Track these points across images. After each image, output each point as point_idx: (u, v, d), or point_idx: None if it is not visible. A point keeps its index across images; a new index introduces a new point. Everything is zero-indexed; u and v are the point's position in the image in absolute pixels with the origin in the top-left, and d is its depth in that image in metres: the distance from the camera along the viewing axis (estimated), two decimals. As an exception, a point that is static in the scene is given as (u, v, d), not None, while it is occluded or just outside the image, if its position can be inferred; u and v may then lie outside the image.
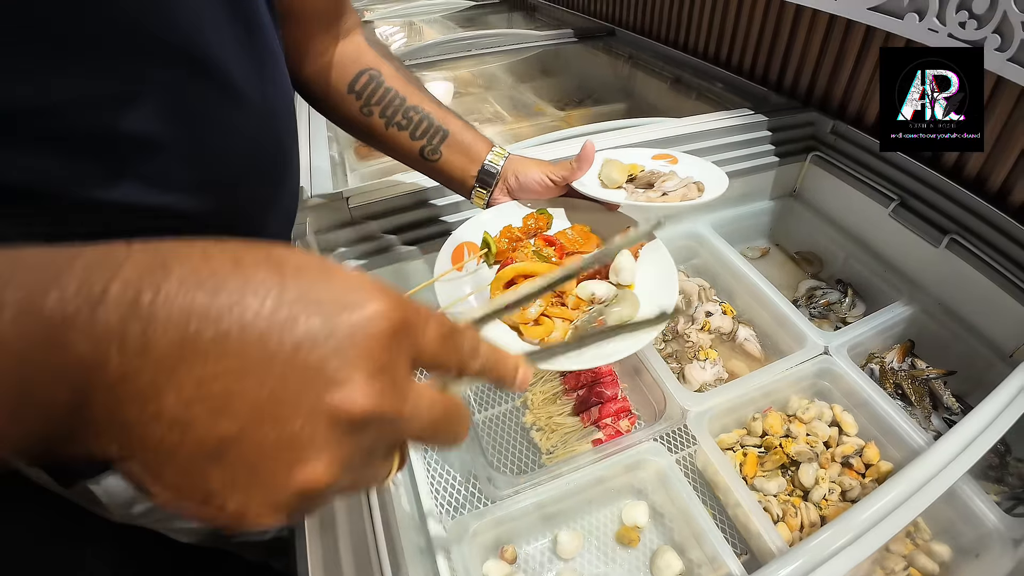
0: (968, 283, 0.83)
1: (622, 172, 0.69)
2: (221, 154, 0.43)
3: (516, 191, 0.68)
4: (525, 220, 0.67)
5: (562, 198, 0.69)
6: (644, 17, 1.64)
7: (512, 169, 0.67)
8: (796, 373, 0.78)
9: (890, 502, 0.46)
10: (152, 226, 0.39)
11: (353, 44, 0.65)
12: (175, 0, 0.35)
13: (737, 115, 1.05)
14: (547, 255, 0.62)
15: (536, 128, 1.46)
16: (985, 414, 0.56)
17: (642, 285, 0.61)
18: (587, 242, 0.66)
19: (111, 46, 0.33)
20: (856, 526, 0.45)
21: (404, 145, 0.66)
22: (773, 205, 1.12)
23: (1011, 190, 0.86)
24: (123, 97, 0.34)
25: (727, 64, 1.34)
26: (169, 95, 0.37)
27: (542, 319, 0.58)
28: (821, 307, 0.97)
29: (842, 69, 1.04)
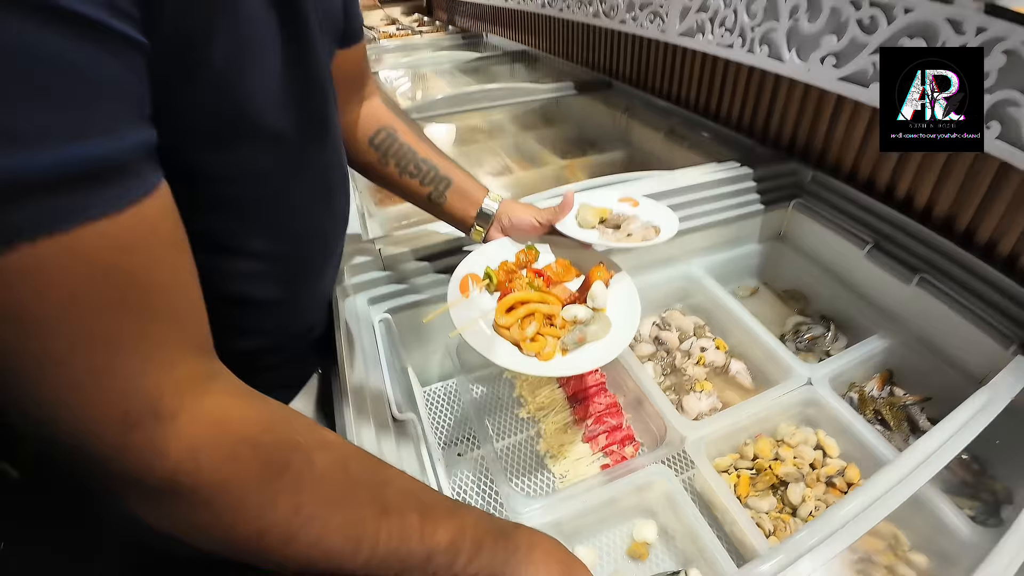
0: (939, 317, 0.92)
1: (595, 215, 0.80)
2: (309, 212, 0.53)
3: (509, 229, 0.79)
4: (517, 255, 0.77)
5: (547, 236, 0.80)
6: (639, 70, 1.77)
7: (505, 211, 0.79)
8: (783, 402, 0.87)
9: (858, 505, 0.54)
10: (262, 267, 0.49)
11: (372, 105, 0.77)
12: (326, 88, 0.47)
13: (727, 168, 1.16)
14: (537, 285, 0.73)
15: (540, 176, 1.57)
16: (946, 430, 0.65)
17: (612, 308, 0.71)
18: (568, 273, 0.77)
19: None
20: (829, 526, 0.53)
21: (415, 190, 0.78)
22: (761, 248, 1.22)
23: (975, 231, 0.95)
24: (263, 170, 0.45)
25: (716, 116, 1.46)
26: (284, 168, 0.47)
27: (537, 337, 0.68)
28: (806, 341, 1.06)
29: (820, 124, 1.15)
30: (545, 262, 0.78)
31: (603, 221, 0.81)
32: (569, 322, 0.68)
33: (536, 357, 0.64)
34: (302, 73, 0.44)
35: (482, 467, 0.86)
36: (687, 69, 1.53)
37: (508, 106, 1.84)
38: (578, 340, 0.66)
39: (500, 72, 2.50)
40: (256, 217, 0.46)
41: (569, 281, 0.76)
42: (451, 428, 0.95)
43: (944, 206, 0.99)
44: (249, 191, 0.44)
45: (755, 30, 0.97)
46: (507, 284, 0.72)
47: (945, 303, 0.91)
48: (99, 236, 0.27)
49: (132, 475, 0.30)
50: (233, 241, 0.46)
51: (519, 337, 0.66)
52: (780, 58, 0.93)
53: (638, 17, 1.25)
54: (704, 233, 1.12)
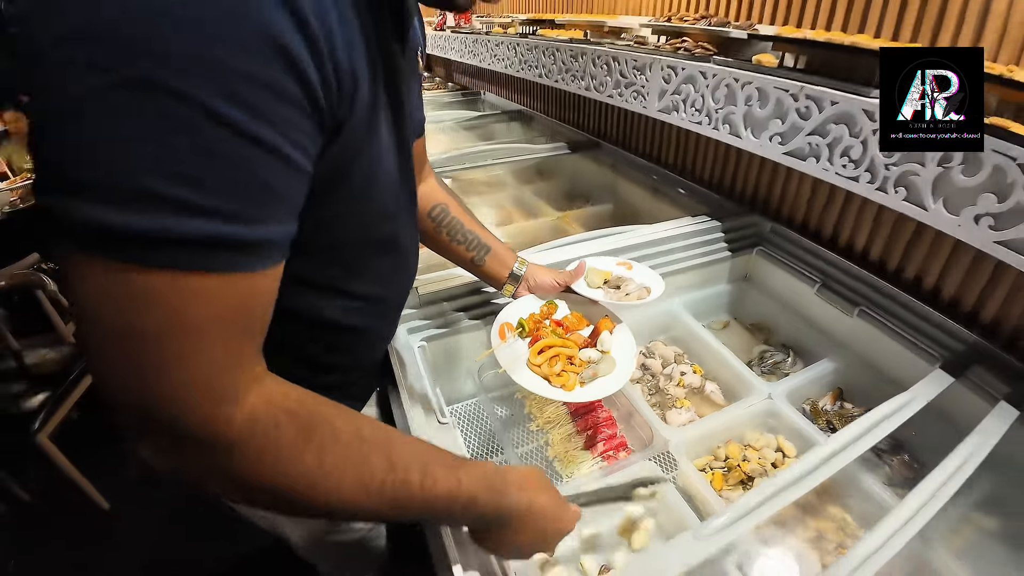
0: (877, 341, 1.13)
1: (600, 277, 1.02)
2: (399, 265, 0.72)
3: (534, 288, 1.01)
4: (541, 308, 0.98)
5: (563, 293, 1.01)
6: (625, 134, 2.02)
7: (531, 273, 1.00)
8: (749, 413, 1.06)
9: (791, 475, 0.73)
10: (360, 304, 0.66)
11: (430, 185, 0.98)
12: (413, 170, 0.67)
13: (699, 221, 1.38)
14: (559, 333, 0.92)
15: (539, 226, 1.79)
16: (865, 423, 0.84)
17: (615, 351, 0.92)
18: (580, 323, 0.98)
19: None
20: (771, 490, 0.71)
21: (461, 254, 0.98)
22: (730, 288, 1.43)
23: (903, 270, 1.17)
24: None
25: (690, 176, 1.70)
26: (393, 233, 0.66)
27: (563, 373, 0.87)
28: (770, 365, 1.26)
29: (775, 185, 1.38)
30: (562, 314, 0.99)
31: (607, 282, 1.02)
32: (584, 362, 0.88)
33: (562, 388, 0.84)
34: (404, 162, 0.63)
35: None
36: (665, 136, 1.78)
37: (508, 163, 2.07)
38: (592, 376, 0.86)
39: (498, 130, 2.75)
40: (361, 271, 0.64)
41: (582, 329, 0.97)
42: (475, 438, 1.12)
43: (877, 251, 1.21)
44: (358, 253, 0.63)
45: (718, 112, 1.19)
46: (536, 332, 0.92)
47: (881, 330, 1.11)
48: (234, 283, 0.39)
49: (209, 436, 0.41)
50: (340, 285, 0.63)
51: (548, 373, 0.86)
52: (738, 135, 1.16)
53: (624, 94, 1.49)
54: (681, 276, 1.33)
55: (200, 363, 0.39)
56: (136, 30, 0.32)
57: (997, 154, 0.78)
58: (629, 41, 1.61)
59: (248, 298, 0.41)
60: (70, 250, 0.35)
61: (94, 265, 0.35)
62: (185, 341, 0.38)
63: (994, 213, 0.80)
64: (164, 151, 0.33)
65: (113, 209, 0.33)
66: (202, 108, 0.33)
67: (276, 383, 0.46)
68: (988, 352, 0.98)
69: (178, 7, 0.32)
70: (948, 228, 0.86)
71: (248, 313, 0.42)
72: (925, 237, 1.11)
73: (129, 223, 0.34)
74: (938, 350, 1.03)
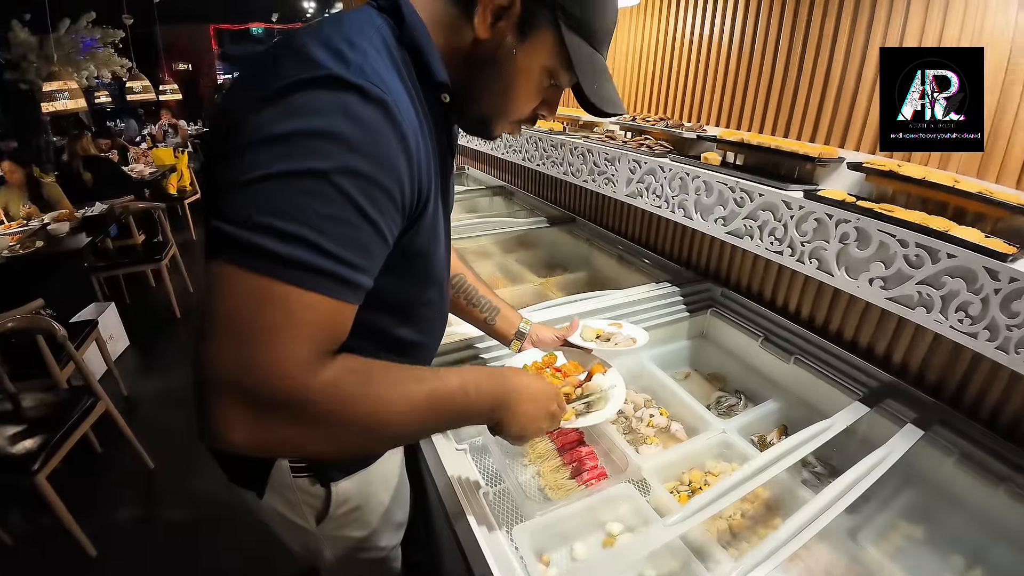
0: (810, 383, 1.36)
1: (592, 333, 1.24)
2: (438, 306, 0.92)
3: (537, 343, 1.22)
4: (543, 358, 1.19)
5: (562, 346, 1.22)
6: (596, 210, 2.31)
7: (535, 331, 1.22)
8: (707, 445, 1.26)
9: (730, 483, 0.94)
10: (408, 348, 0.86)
11: (451, 256, 1.19)
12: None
13: (662, 287, 1.63)
14: (558, 378, 1.13)
15: (524, 291, 2.02)
16: (790, 443, 1.05)
17: (607, 389, 1.12)
18: (576, 370, 1.18)
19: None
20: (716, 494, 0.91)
21: (475, 315, 1.20)
22: (690, 343, 1.67)
23: (828, 324, 1.42)
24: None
25: (655, 248, 1.97)
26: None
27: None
28: (725, 408, 1.47)
29: (724, 257, 1.66)
30: (560, 363, 1.20)
31: (598, 336, 1.25)
32: (575, 395, 1.09)
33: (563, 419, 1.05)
34: (447, 241, 0.86)
35: (504, 494, 1.21)
36: (632, 214, 2.07)
37: (494, 234, 2.33)
38: (587, 410, 1.06)
39: (482, 204, 3.03)
40: (409, 320, 0.84)
41: (578, 375, 1.18)
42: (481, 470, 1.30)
43: (807, 310, 1.46)
44: (410, 307, 0.84)
45: (674, 198, 1.47)
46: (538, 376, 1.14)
47: (813, 374, 1.35)
48: (331, 305, 0.57)
49: (297, 396, 0.56)
50: (393, 330, 0.82)
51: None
52: (691, 217, 1.43)
53: (596, 180, 1.77)
54: (649, 333, 1.56)
55: (299, 348, 0.56)
56: (313, 141, 0.54)
57: (882, 232, 1.04)
58: (601, 134, 1.92)
59: (337, 317, 0.59)
60: (232, 263, 0.53)
61: (250, 277, 0.53)
62: (294, 332, 0.55)
63: (883, 277, 1.06)
64: (315, 215, 0.54)
65: (279, 243, 0.53)
66: (345, 195, 0.55)
67: (345, 357, 0.62)
68: (900, 387, 1.22)
69: (351, 139, 0.54)
70: (850, 289, 1.11)
71: (335, 327, 0.60)
72: (842, 297, 1.37)
73: (283, 252, 0.53)
74: (859, 388, 1.26)
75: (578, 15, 0.69)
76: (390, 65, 0.63)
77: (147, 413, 2.85)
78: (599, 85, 0.74)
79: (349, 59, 0.57)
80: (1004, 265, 0.88)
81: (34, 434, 1.89)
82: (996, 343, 0.91)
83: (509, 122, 0.79)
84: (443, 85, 0.71)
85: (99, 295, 3.67)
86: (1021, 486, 1.02)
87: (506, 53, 0.70)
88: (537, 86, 0.74)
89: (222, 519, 2.14)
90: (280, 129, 0.54)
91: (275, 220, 0.53)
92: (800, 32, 1.37)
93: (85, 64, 6.59)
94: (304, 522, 0.93)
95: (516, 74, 0.72)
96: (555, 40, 0.69)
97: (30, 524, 2.14)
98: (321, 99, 0.55)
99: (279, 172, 0.53)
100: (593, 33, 0.71)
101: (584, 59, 0.70)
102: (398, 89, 0.61)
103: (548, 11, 0.68)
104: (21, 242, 3.08)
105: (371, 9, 0.68)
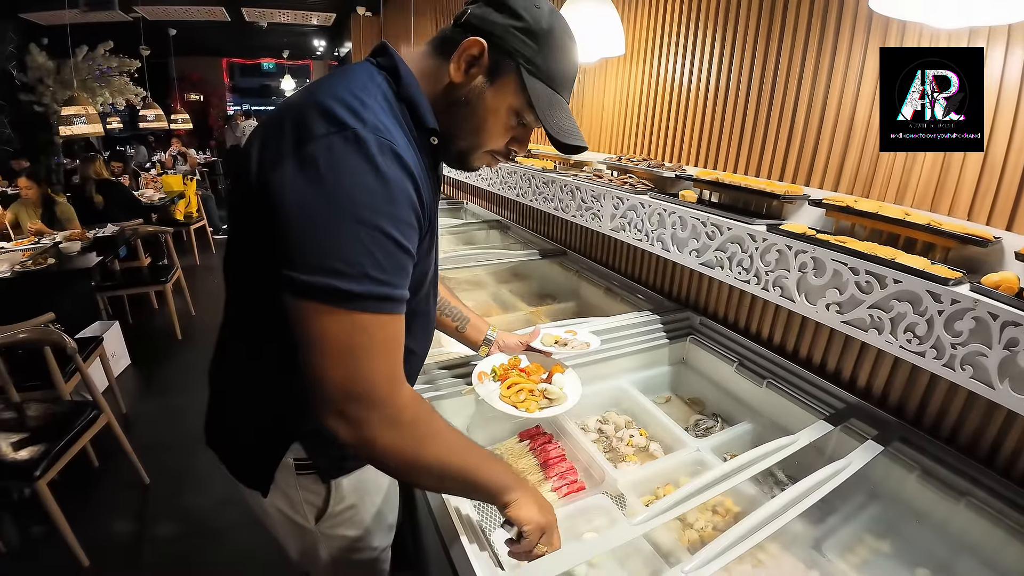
0: (781, 405, 1.44)
1: (552, 339, 1.37)
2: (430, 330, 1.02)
3: (503, 348, 1.34)
4: (509, 361, 1.30)
5: (526, 351, 1.34)
6: (586, 244, 2.43)
7: (501, 338, 1.34)
8: (681, 462, 1.34)
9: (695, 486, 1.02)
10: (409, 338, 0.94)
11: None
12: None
13: (644, 315, 1.73)
14: (521, 377, 1.24)
15: (515, 319, 2.12)
16: (753, 455, 1.13)
17: (566, 387, 1.24)
18: (538, 371, 1.30)
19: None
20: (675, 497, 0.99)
21: (448, 324, 1.31)
22: (670, 369, 1.76)
23: (798, 350, 1.51)
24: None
25: (639, 280, 2.08)
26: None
27: (526, 400, 1.18)
28: (703, 430, 1.55)
29: (702, 288, 1.76)
30: (524, 364, 1.30)
31: (556, 342, 1.36)
32: (541, 392, 1.19)
33: (526, 411, 1.14)
34: (436, 256, 0.97)
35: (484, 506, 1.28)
36: (618, 248, 2.19)
37: (488, 266, 2.44)
38: (549, 403, 1.16)
39: (478, 236, 3.15)
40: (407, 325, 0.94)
41: (540, 375, 1.29)
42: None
43: (778, 336, 1.56)
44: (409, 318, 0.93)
45: (653, 232, 1.58)
46: (505, 375, 1.23)
47: (783, 396, 1.44)
48: (395, 320, 0.72)
49: (391, 406, 0.71)
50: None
51: (515, 401, 1.16)
52: (668, 250, 1.54)
53: (584, 215, 1.89)
54: (630, 359, 1.65)
55: (386, 363, 0.72)
56: (364, 196, 0.67)
57: (835, 261, 1.13)
58: (589, 173, 2.04)
59: (399, 326, 0.74)
60: (315, 304, 0.67)
61: (333, 312, 0.67)
62: (379, 351, 0.70)
63: (838, 302, 1.15)
64: (374, 256, 0.67)
65: (353, 283, 0.66)
66: (388, 236, 0.68)
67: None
68: (865, 408, 1.30)
69: (389, 193, 0.68)
70: (810, 314, 1.21)
71: (400, 338, 0.75)
72: (809, 324, 1.46)
73: (356, 289, 0.67)
74: (826, 408, 1.34)
75: (539, 63, 0.81)
76: (391, 117, 0.75)
77: (144, 430, 2.90)
78: (557, 121, 0.84)
79: (364, 116, 0.69)
80: (946, 288, 0.96)
81: (37, 442, 1.94)
82: (943, 360, 0.98)
83: (484, 153, 0.90)
84: (433, 130, 0.84)
85: (103, 314, 3.75)
86: (980, 500, 1.08)
87: (477, 95, 0.82)
88: (505, 123, 0.85)
89: (215, 534, 2.19)
90: (325, 188, 0.66)
91: (342, 265, 0.66)
92: (768, 81, 1.51)
93: (100, 91, 6.82)
94: (304, 520, 1.00)
95: (487, 113, 0.84)
96: (518, 84, 0.81)
97: (23, 533, 2.18)
98: (351, 155, 0.67)
99: (336, 224, 0.66)
100: (553, 78, 0.83)
101: (543, 99, 0.82)
102: (400, 137, 0.73)
103: (512, 60, 0.80)
104: (33, 258, 3.18)
105: (371, 67, 0.81)
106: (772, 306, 1.55)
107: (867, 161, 1.31)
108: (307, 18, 7.92)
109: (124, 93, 7.05)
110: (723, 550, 0.90)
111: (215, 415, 1.02)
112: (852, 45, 1.29)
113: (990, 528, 1.07)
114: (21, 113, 6.84)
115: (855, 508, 1.23)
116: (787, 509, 0.99)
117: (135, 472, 2.45)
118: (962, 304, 0.95)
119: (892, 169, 1.26)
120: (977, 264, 1.08)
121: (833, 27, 1.33)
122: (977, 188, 1.11)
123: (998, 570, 1.07)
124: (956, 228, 1.08)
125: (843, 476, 1.08)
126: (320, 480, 0.97)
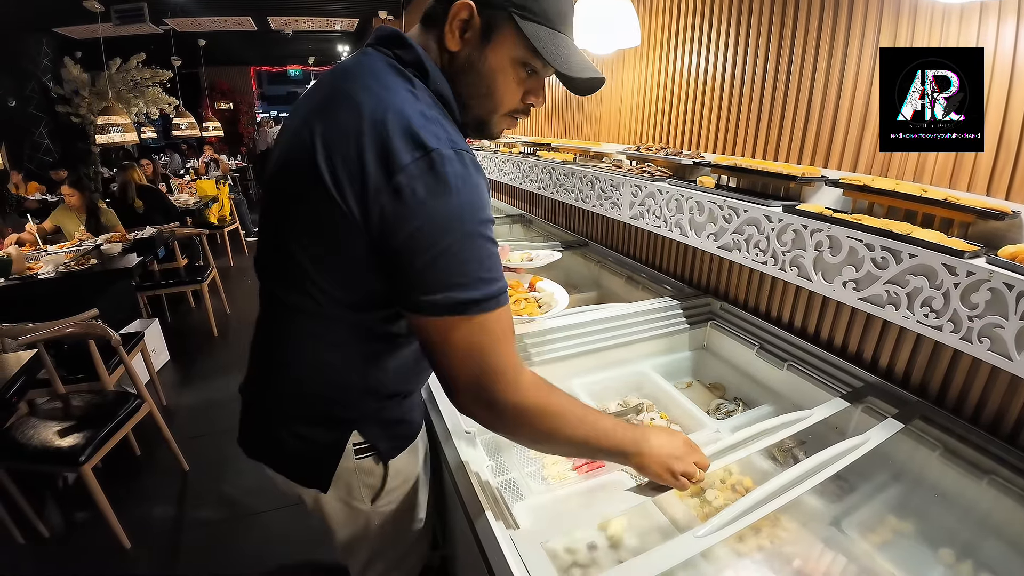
0: (801, 387, 1.45)
1: (519, 258, 1.58)
2: None
3: None
4: None
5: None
6: (606, 234, 2.45)
7: None
8: (699, 442, 1.33)
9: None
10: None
11: None
12: None
13: (665, 301, 1.75)
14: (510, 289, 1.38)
15: (538, 307, 2.16)
16: (770, 424, 1.14)
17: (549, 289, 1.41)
18: (519, 285, 1.54)
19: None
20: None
21: None
22: (691, 354, 1.77)
23: (820, 332, 1.51)
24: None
25: (659, 267, 2.09)
26: None
27: (524, 307, 1.28)
28: (724, 414, 1.56)
29: (723, 273, 1.77)
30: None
31: (522, 260, 1.64)
32: (533, 300, 1.37)
33: (530, 315, 1.33)
34: None
35: (511, 482, 1.32)
36: (638, 236, 2.20)
37: (511, 258, 2.48)
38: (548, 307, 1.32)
39: (502, 231, 3.19)
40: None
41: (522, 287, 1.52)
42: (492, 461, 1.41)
43: (799, 319, 1.56)
44: None
45: (671, 219, 1.60)
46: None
47: (804, 378, 1.44)
48: (507, 311, 0.79)
49: (518, 392, 0.78)
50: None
51: (516, 310, 1.36)
52: (686, 235, 1.56)
53: (604, 204, 1.91)
54: (651, 344, 1.67)
55: (507, 350, 0.78)
56: (462, 211, 0.72)
57: (850, 239, 1.14)
58: (608, 163, 2.07)
59: (510, 315, 0.80)
60: (440, 319, 0.74)
61: (457, 321, 0.74)
62: (500, 342, 0.77)
63: (855, 279, 1.15)
64: (480, 260, 0.74)
65: (471, 290, 0.74)
66: (485, 238, 0.75)
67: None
68: (885, 387, 1.30)
69: (476, 200, 0.74)
70: (827, 292, 1.22)
71: (512, 323, 0.81)
72: (829, 305, 1.46)
73: (476, 296, 0.74)
74: (846, 389, 1.35)
75: (531, 6, 0.79)
76: (446, 119, 0.79)
77: (184, 421, 3.02)
78: (563, 57, 0.82)
79: (436, 132, 0.73)
80: (960, 261, 0.96)
81: (82, 429, 2.03)
82: (960, 334, 0.98)
83: (502, 116, 0.90)
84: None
85: (143, 312, 3.91)
86: (1005, 479, 1.07)
87: (479, 57, 0.82)
88: (515, 78, 0.85)
89: (251, 518, 2.28)
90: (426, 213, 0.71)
91: (459, 277, 0.73)
92: (784, 65, 1.51)
93: (135, 101, 7.05)
94: (362, 503, 1.03)
95: (494, 73, 0.84)
96: (516, 33, 0.80)
97: (67, 517, 2.30)
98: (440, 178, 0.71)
99: (447, 245, 0.72)
100: (549, 17, 0.81)
101: (545, 39, 0.80)
102: (460, 137, 0.78)
103: (503, 11, 0.79)
104: (76, 259, 3.33)
105: (395, 62, 0.82)
106: (792, 289, 1.55)
107: (885, 141, 1.31)
108: (331, 24, 8.07)
109: (157, 103, 7.27)
110: (736, 516, 0.92)
111: (256, 427, 1.03)
112: (865, 25, 1.29)
113: (1015, 507, 1.06)
114: (58, 124, 7.11)
115: (876, 487, 1.23)
116: (801, 481, 1.01)
117: (175, 460, 2.56)
118: (977, 276, 0.95)
119: (909, 149, 1.25)
120: (997, 239, 1.08)
121: (846, 8, 1.33)
122: (994, 165, 1.10)
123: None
124: (973, 202, 1.08)
125: (860, 451, 1.09)
126: (377, 461, 1.00)
